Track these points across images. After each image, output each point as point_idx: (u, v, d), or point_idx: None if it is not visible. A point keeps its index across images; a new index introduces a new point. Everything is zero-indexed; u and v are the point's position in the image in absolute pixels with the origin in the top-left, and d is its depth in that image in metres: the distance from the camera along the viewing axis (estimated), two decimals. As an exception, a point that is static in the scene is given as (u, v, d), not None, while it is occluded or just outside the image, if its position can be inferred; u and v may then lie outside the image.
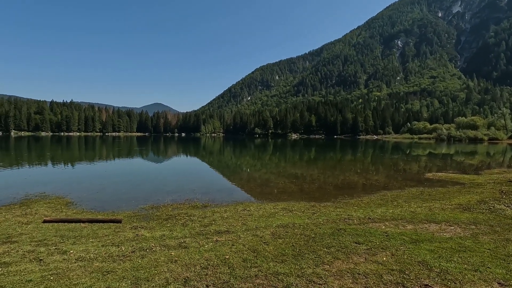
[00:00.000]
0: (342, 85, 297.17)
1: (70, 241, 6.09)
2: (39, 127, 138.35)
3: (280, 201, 11.15)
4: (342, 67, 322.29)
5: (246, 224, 7.35)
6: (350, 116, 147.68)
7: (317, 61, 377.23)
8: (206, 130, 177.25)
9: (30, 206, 9.86)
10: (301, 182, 15.89)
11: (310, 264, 4.54)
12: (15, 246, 5.72)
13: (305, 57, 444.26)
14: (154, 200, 11.03)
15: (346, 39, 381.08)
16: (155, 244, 5.70)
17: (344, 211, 8.89)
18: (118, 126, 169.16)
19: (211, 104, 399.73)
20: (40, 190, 12.64)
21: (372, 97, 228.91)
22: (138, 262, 4.73)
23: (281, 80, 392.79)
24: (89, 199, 11.22)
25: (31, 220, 8.07)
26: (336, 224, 7.08)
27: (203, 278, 4.13)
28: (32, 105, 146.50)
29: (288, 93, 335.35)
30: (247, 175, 19.04)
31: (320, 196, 12.14)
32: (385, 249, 5.18)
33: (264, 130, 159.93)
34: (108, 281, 4.02)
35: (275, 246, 5.44)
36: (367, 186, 14.79)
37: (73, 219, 7.93)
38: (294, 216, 8.21)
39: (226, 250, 5.26)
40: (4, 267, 4.60)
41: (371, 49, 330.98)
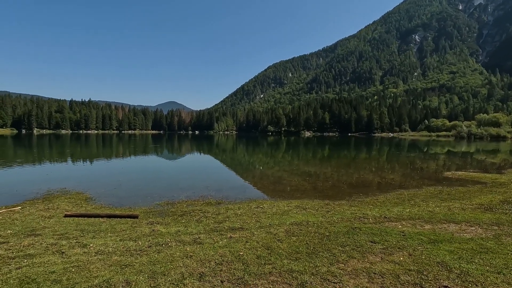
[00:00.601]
0: (357, 81, 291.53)
1: (89, 235, 6.31)
2: (59, 125, 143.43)
3: (294, 199, 11.10)
4: (356, 63, 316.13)
5: (259, 221, 7.37)
6: (365, 113, 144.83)
7: (331, 58, 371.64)
8: (219, 128, 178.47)
9: (52, 201, 10.27)
10: (315, 180, 15.76)
11: (324, 263, 4.51)
12: (39, 239, 5.98)
13: (318, 53, 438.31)
14: (169, 197, 11.24)
15: (361, 35, 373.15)
16: (170, 240, 5.81)
17: (359, 209, 8.76)
18: (134, 124, 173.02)
19: (224, 102, 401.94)
20: (61, 186, 13.13)
21: (388, 94, 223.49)
22: (154, 257, 4.84)
23: (294, 77, 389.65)
24: (107, 195, 11.56)
25: (53, 214, 8.41)
26: (351, 222, 6.98)
27: (217, 273, 4.17)
28: (53, 104, 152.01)
29: (301, 90, 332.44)
30: (260, 173, 19.07)
31: (334, 194, 12.00)
32: (402, 249, 5.07)
33: (277, 127, 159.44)
34: (126, 275, 4.13)
35: (289, 243, 5.43)
36: (383, 184, 14.49)
37: (92, 214, 8.20)
38: (308, 214, 8.16)
39: (240, 246, 5.30)
40: (29, 259, 4.81)
41: (387, 44, 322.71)
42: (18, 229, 6.76)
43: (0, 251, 5.20)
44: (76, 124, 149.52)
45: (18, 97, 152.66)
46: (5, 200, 10.33)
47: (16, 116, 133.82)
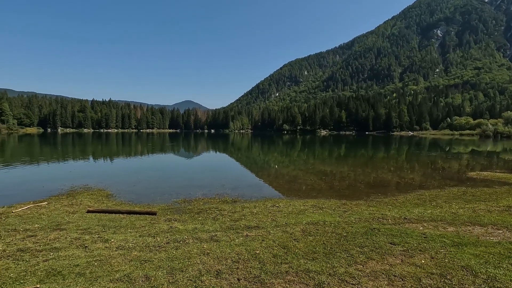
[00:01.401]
0: (375, 79, 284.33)
1: (111, 230, 6.52)
2: (82, 124, 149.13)
3: (310, 198, 11.00)
4: (374, 60, 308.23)
5: (275, 220, 7.35)
6: (383, 112, 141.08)
7: (348, 55, 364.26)
8: (234, 126, 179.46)
9: (76, 197, 10.70)
10: (331, 180, 15.54)
11: (342, 263, 4.43)
12: (64, 233, 6.24)
13: (335, 51, 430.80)
14: (186, 194, 11.43)
15: (380, 31, 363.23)
16: (188, 237, 5.90)
17: (378, 210, 8.55)
18: (152, 123, 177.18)
19: (239, 101, 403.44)
20: (84, 182, 13.65)
21: (407, 91, 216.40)
22: (172, 253, 4.94)
23: (310, 75, 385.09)
24: (127, 192, 11.91)
25: (77, 210, 8.75)
26: (369, 223, 6.83)
27: (234, 271, 4.20)
28: (76, 104, 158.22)
29: (317, 88, 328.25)
30: (275, 172, 19.02)
31: (351, 194, 11.79)
32: (423, 251, 4.90)
33: (292, 126, 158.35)
34: (146, 270, 4.24)
35: (306, 243, 5.38)
36: (402, 184, 14.08)
37: (113, 210, 8.47)
38: (325, 214, 8.05)
39: (256, 245, 5.30)
40: (55, 252, 5.04)
41: (407, 40, 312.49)
42: (44, 223, 7.09)
43: (29, 244, 5.47)
44: (97, 123, 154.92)
45: (44, 97, 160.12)
46: (33, 196, 10.87)
47: (42, 116, 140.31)
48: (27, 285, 3.80)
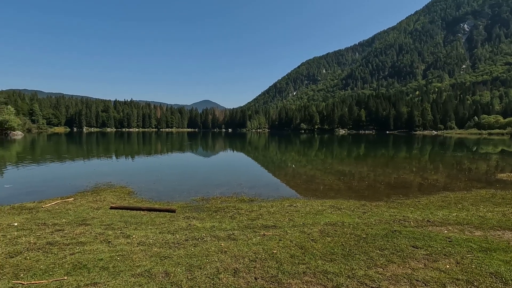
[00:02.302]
0: (396, 76, 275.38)
1: (132, 226, 6.73)
2: (105, 124, 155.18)
3: (328, 198, 10.84)
4: (396, 57, 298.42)
5: (293, 220, 7.31)
6: (405, 110, 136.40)
7: (368, 52, 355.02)
8: (251, 125, 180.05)
9: (100, 193, 11.14)
10: (350, 180, 15.24)
11: (361, 266, 4.33)
12: (89, 228, 6.52)
13: (354, 48, 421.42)
14: (204, 193, 11.60)
15: (402, 26, 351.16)
16: (206, 234, 5.99)
17: (399, 211, 8.28)
18: (171, 123, 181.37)
19: (256, 100, 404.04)
20: (107, 180, 14.19)
21: (431, 89, 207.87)
22: (191, 250, 5.03)
23: (328, 74, 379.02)
24: (147, 189, 12.26)
25: (101, 206, 9.12)
26: (390, 225, 6.63)
27: (251, 270, 4.21)
28: (99, 104, 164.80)
29: (335, 87, 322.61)
30: (292, 171, 18.89)
31: (370, 195, 11.51)
32: (448, 256, 4.70)
33: (310, 125, 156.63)
34: (165, 266, 4.35)
35: (324, 244, 5.31)
36: (425, 186, 13.56)
37: (134, 207, 8.75)
38: (343, 215, 7.91)
39: (273, 244, 5.29)
40: (80, 246, 5.27)
41: (431, 35, 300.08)
42: (71, 218, 7.44)
43: (57, 237, 5.76)
44: (120, 123, 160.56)
45: (70, 98, 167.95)
46: (61, 192, 11.44)
47: (69, 116, 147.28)
48: (56, 276, 4.00)
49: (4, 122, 62.98)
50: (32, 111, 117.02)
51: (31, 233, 6.05)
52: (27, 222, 6.98)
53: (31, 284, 3.75)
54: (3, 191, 11.80)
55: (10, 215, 7.87)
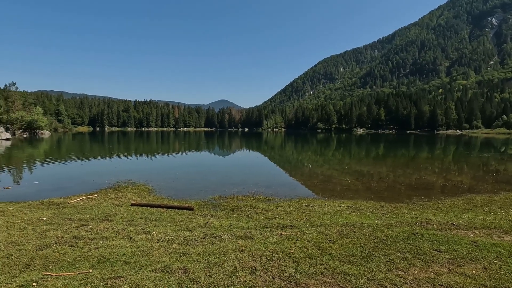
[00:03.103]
0: (418, 74, 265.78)
1: (152, 223, 6.92)
2: (126, 123, 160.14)
3: (345, 198, 10.65)
4: (418, 54, 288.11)
5: (310, 220, 7.25)
6: (427, 109, 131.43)
7: (388, 49, 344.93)
8: (268, 125, 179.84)
9: (121, 191, 11.53)
10: (368, 180, 14.90)
11: (381, 268, 4.23)
12: (111, 224, 6.76)
13: (373, 45, 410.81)
14: (221, 191, 11.73)
15: (424, 22, 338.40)
16: (223, 233, 6.06)
17: (421, 214, 8.01)
18: (189, 122, 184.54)
19: (273, 100, 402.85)
20: (128, 177, 14.65)
21: (455, 86, 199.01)
22: (209, 248, 5.10)
23: (346, 72, 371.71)
24: (166, 187, 12.54)
25: (122, 203, 9.43)
26: (411, 227, 6.43)
27: (269, 269, 4.22)
28: (120, 104, 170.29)
29: (353, 85, 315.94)
30: (308, 171, 18.71)
31: (390, 196, 11.20)
32: (474, 261, 4.50)
33: (327, 124, 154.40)
34: (184, 262, 4.44)
35: (342, 245, 5.23)
36: (448, 187, 13.03)
37: (154, 204, 8.99)
38: (362, 216, 7.75)
39: (290, 244, 5.27)
40: (104, 241, 5.48)
41: (456, 31, 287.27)
42: (95, 214, 7.75)
43: (82, 232, 6.02)
44: (139, 122, 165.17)
45: (93, 98, 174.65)
46: (85, 188, 11.94)
47: (92, 115, 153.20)
48: (81, 269, 4.18)
49: (33, 121, 66.41)
50: (58, 111, 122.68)
51: (58, 227, 6.36)
52: (54, 217, 7.34)
53: (59, 276, 3.94)
54: (32, 187, 12.47)
55: (39, 209, 8.31)
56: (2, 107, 66.32)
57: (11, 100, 69.87)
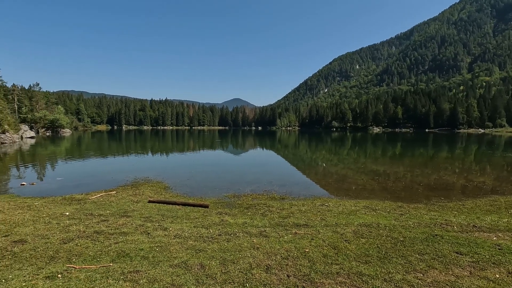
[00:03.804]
0: (437, 70, 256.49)
1: (169, 220, 7.08)
2: (142, 122, 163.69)
3: (361, 198, 10.49)
4: (437, 50, 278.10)
5: (325, 219, 7.19)
6: (447, 106, 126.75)
7: (406, 46, 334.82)
8: (281, 123, 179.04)
9: (139, 188, 11.84)
10: (384, 180, 14.59)
11: (399, 270, 4.15)
12: (130, 220, 6.97)
13: (390, 41, 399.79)
14: (235, 189, 11.81)
15: (444, 17, 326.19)
16: (238, 230, 6.12)
17: (440, 215, 7.78)
18: (203, 121, 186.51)
19: (286, 98, 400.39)
20: (145, 175, 15.01)
21: (478, 83, 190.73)
22: (224, 245, 5.17)
23: (362, 69, 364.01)
24: (181, 185, 12.77)
25: (140, 199, 9.69)
26: (430, 229, 6.26)
27: (284, 267, 4.23)
28: (137, 104, 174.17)
29: (369, 83, 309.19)
30: (323, 170, 18.52)
31: (407, 196, 10.93)
32: (497, 264, 4.33)
33: (342, 123, 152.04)
34: (200, 258, 4.52)
35: (358, 245, 5.17)
36: (469, 188, 12.56)
37: (170, 201, 9.18)
38: (378, 216, 7.61)
39: (305, 243, 5.26)
40: (123, 236, 5.66)
41: (479, 25, 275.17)
42: (114, 210, 8.00)
43: (103, 227, 6.24)
44: (155, 121, 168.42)
45: (111, 98, 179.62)
46: (104, 185, 12.34)
47: (110, 114, 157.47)
48: (102, 263, 4.35)
49: (55, 120, 69.16)
50: (78, 110, 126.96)
51: (80, 222, 6.62)
52: (76, 212, 7.64)
53: (82, 268, 4.11)
54: (55, 183, 13.01)
55: (62, 205, 8.67)
56: (27, 107, 69.36)
57: (35, 99, 72.97)
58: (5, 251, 4.80)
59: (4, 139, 35.72)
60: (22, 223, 6.53)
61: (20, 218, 6.91)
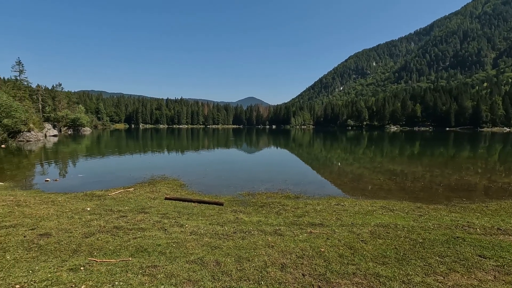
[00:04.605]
0: (459, 67, 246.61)
1: (185, 217, 7.20)
2: (158, 121, 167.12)
3: (378, 198, 10.28)
4: (460, 45, 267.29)
5: (340, 219, 7.10)
6: (470, 104, 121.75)
7: (425, 41, 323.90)
8: (296, 122, 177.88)
9: (155, 185, 12.11)
10: (402, 180, 14.21)
11: (418, 272, 4.05)
12: (147, 216, 7.14)
13: (409, 37, 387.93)
14: (250, 188, 11.86)
15: (467, 11, 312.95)
16: (253, 228, 6.14)
17: (462, 217, 7.50)
18: (217, 119, 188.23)
19: (301, 96, 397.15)
20: (161, 172, 15.34)
21: (503, 80, 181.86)
22: (239, 243, 5.21)
23: (379, 67, 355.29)
24: (197, 183, 12.95)
25: (156, 196, 9.91)
26: (451, 231, 6.05)
27: (299, 266, 4.22)
28: (153, 103, 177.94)
29: (387, 80, 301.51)
30: (338, 169, 18.27)
31: (427, 197, 10.61)
32: (524, 269, 4.13)
33: (357, 121, 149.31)
34: (216, 255, 4.58)
35: (375, 246, 5.07)
36: (493, 189, 12.03)
37: (186, 199, 9.34)
38: (396, 216, 7.43)
39: (320, 243, 5.22)
40: (141, 232, 5.81)
41: (505, 18, 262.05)
42: (132, 206, 8.23)
43: (122, 222, 6.44)
44: (171, 119, 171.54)
45: (129, 97, 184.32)
46: (123, 182, 12.70)
47: (128, 113, 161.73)
48: (122, 257, 4.48)
49: (76, 119, 71.85)
50: (98, 110, 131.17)
51: (100, 218, 6.85)
52: (97, 208, 7.91)
53: (103, 262, 4.26)
54: (77, 180, 13.53)
55: (83, 201, 9.00)
56: (50, 106, 72.31)
57: (58, 99, 75.98)
58: (32, 243, 5.04)
59: (30, 137, 37.45)
60: (47, 217, 6.83)
61: (45, 213, 7.23)
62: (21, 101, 45.34)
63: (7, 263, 4.20)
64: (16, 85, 58.26)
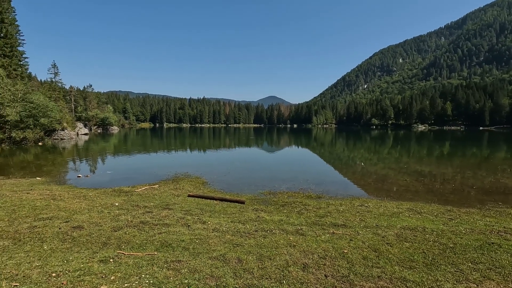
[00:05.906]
0: (495, 62, 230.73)
1: (207, 214, 7.34)
2: (181, 120, 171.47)
3: (404, 200, 9.89)
4: (496, 39, 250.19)
5: (364, 220, 6.91)
6: (507, 102, 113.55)
7: (457, 36, 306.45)
8: (317, 121, 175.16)
9: (179, 182, 12.44)
10: (430, 181, 13.56)
11: (448, 278, 3.85)
12: (171, 212, 7.36)
13: (439, 32, 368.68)
14: (271, 187, 11.86)
15: (504, 2, 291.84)
16: (274, 227, 6.14)
17: (497, 221, 7.04)
18: (239, 118, 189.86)
19: (323, 95, 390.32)
20: (184, 170, 15.72)
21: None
22: (261, 241, 5.23)
23: (406, 63, 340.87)
24: (219, 181, 13.14)
25: (180, 193, 10.18)
26: (486, 236, 5.69)
27: (321, 267, 4.16)
28: (177, 102, 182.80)
29: (414, 77, 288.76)
30: (361, 169, 17.76)
31: (458, 200, 10.05)
32: None
33: (382, 120, 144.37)
34: (238, 253, 4.62)
35: (401, 249, 4.89)
36: (535, 193, 11.15)
37: (208, 196, 9.51)
38: (424, 219, 7.11)
39: (343, 244, 5.11)
40: (166, 227, 6.00)
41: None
42: (157, 202, 8.51)
43: (147, 218, 6.68)
44: (193, 119, 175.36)
45: (154, 97, 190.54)
46: (148, 179, 13.17)
47: (152, 113, 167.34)
48: (148, 251, 4.65)
49: (105, 118, 75.52)
50: (125, 109, 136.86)
51: (128, 213, 7.15)
52: (124, 203, 8.26)
53: (130, 255, 4.45)
54: (106, 176, 14.21)
55: (112, 196, 9.44)
56: (82, 106, 76.41)
57: (88, 99, 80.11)
58: (66, 235, 5.37)
59: (64, 135, 39.81)
60: (79, 211, 7.24)
61: (78, 207, 7.66)
62: (56, 101, 48.22)
63: (44, 252, 4.51)
64: (52, 86, 62.05)
